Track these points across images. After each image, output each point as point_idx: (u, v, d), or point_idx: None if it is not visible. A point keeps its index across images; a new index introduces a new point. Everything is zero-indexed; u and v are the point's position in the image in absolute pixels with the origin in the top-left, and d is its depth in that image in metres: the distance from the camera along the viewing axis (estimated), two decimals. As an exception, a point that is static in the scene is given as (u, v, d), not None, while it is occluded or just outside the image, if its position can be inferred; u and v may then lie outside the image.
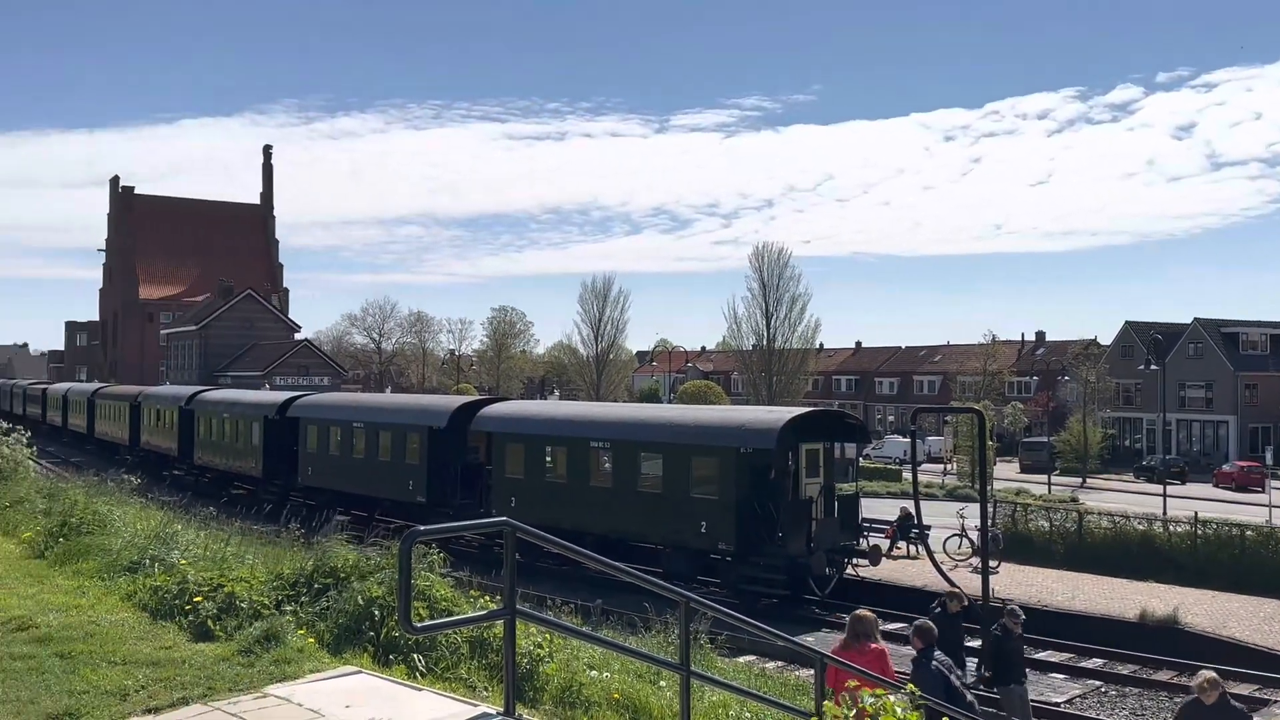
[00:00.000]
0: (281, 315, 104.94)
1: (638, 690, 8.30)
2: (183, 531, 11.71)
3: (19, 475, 17.61)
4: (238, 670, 6.91)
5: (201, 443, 40.86)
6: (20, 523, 13.26)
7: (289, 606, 8.32)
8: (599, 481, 23.79)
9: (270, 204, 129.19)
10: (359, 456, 30.42)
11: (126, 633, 7.89)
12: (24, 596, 9.24)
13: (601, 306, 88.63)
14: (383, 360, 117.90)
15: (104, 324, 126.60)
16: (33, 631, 7.93)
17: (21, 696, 6.36)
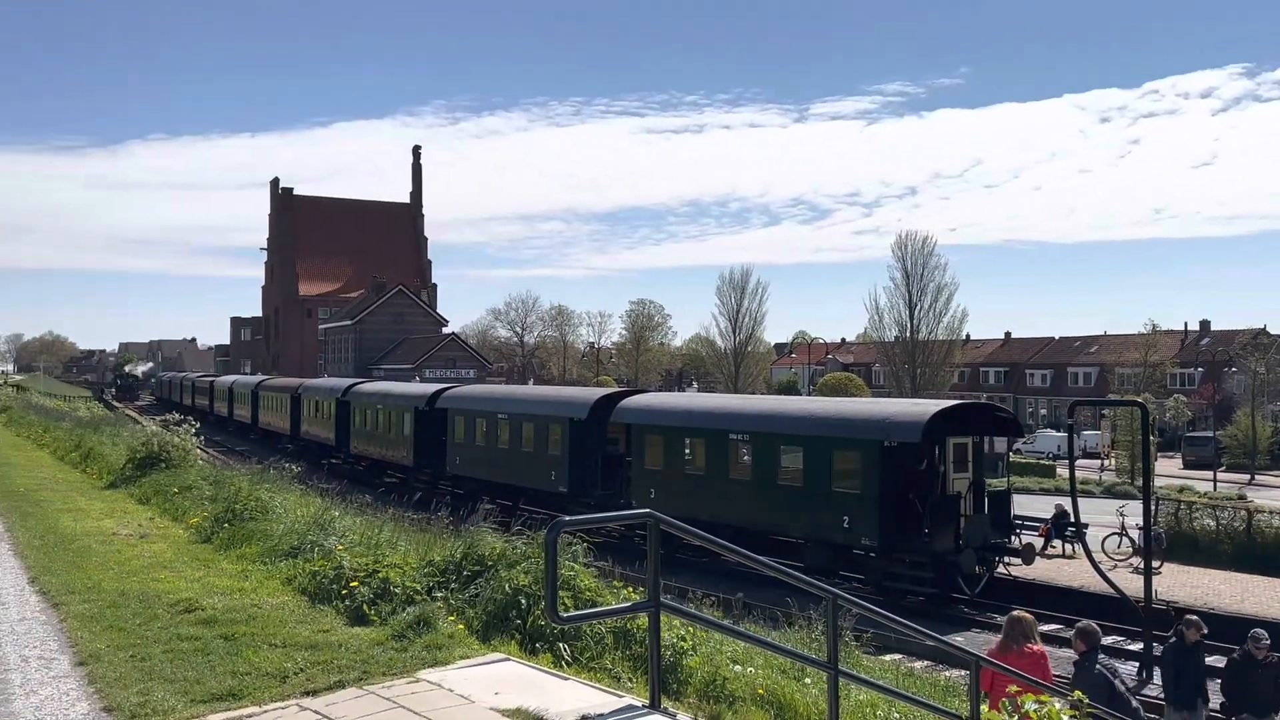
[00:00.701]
0: (430, 310, 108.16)
1: (783, 686, 8.17)
2: (339, 518, 12.10)
3: (187, 463, 18.55)
4: (391, 654, 7.09)
5: (357, 432, 42.43)
6: (189, 509, 13.96)
7: (439, 593, 8.50)
8: (738, 474, 23.64)
9: (419, 202, 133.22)
10: (503, 447, 31.05)
11: (286, 616, 8.19)
12: (191, 580, 9.71)
13: (739, 298, 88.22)
14: (525, 353, 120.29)
15: (266, 319, 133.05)
16: (199, 614, 8.31)
17: (189, 676, 6.66)
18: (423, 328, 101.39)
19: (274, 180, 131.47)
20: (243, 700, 6.23)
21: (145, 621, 8.05)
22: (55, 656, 7.22)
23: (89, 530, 12.71)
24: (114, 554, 11.02)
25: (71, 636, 7.69)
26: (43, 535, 12.29)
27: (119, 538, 12.17)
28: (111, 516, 14.06)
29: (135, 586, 9.30)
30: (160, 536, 12.37)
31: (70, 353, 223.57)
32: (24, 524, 13.22)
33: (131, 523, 13.41)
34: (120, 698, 6.23)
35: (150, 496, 15.77)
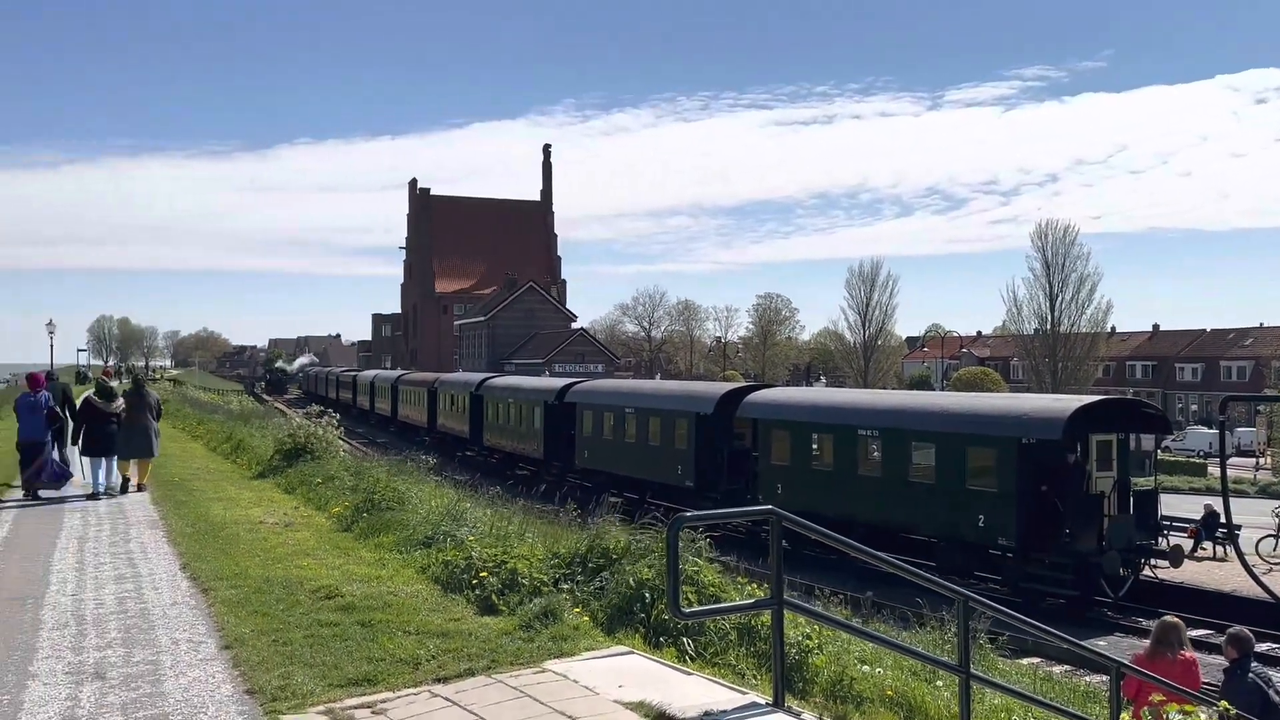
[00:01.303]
0: (560, 306, 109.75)
1: (913, 688, 7.99)
2: (471, 509, 12.38)
3: (330, 454, 19.20)
4: (519, 644, 7.21)
5: (490, 426, 43.39)
6: (331, 499, 14.48)
7: (565, 585, 8.60)
8: (867, 470, 23.24)
9: (549, 200, 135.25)
10: (630, 441, 31.27)
11: (420, 604, 8.42)
12: (332, 567, 10.07)
13: (869, 291, 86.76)
14: (652, 348, 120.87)
15: (405, 316, 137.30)
16: (339, 600, 8.61)
17: (327, 661, 6.91)
18: (553, 323, 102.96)
19: (412, 181, 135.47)
20: (377, 686, 6.43)
21: (288, 607, 8.39)
22: (203, 640, 7.59)
23: (237, 518, 13.32)
24: (260, 541, 11.52)
25: (219, 621, 8.07)
26: (194, 523, 12.93)
27: (265, 526, 12.72)
28: (259, 505, 14.70)
29: (279, 573, 9.70)
30: (304, 525, 12.88)
31: (223, 348, 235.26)
32: (177, 512, 13.94)
33: (277, 511, 14.00)
34: (262, 681, 6.51)
35: (295, 486, 16.42)
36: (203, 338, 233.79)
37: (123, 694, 6.36)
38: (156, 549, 11.36)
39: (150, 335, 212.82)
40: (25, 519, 13.70)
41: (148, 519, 13.55)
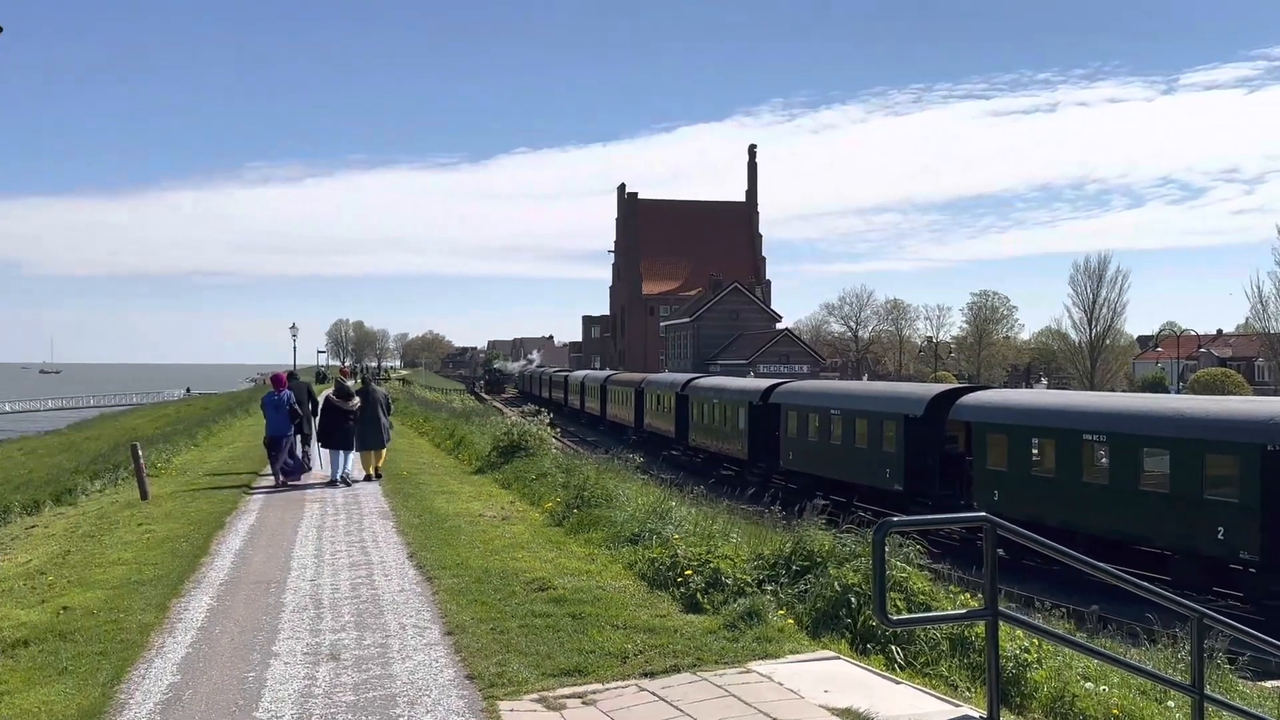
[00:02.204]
0: (765, 306, 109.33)
1: (1141, 709, 7.53)
2: (676, 508, 12.54)
3: (543, 452, 19.86)
4: (723, 644, 7.26)
5: (695, 426, 43.74)
6: (544, 494, 14.99)
7: (769, 586, 8.58)
8: (1092, 477, 21.97)
9: (754, 200, 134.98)
10: (836, 443, 30.80)
11: (627, 599, 8.60)
12: (545, 560, 10.43)
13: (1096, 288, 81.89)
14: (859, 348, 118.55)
15: (613, 317, 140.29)
16: (551, 592, 8.92)
17: (540, 651, 7.17)
18: (757, 324, 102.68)
19: (620, 186, 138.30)
20: (587, 677, 6.62)
21: (504, 597, 8.76)
22: (428, 626, 8.02)
23: (459, 511, 13.99)
24: (479, 534, 12.07)
25: (442, 608, 8.52)
26: (420, 515, 13.68)
27: (484, 519, 13.31)
28: (478, 500, 15.39)
29: (497, 565, 10.13)
30: (519, 519, 13.39)
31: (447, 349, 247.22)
32: (405, 505, 14.78)
33: (495, 506, 14.62)
34: (481, 667, 6.82)
35: (511, 482, 17.09)
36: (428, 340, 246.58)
37: (354, 674, 6.81)
38: (387, 539, 12.09)
39: (382, 337, 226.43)
40: (270, 508, 14.86)
41: (379, 510, 14.43)
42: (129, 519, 13.99)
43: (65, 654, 7.36)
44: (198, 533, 12.52)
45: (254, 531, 12.77)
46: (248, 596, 9.17)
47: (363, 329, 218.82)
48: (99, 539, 12.58)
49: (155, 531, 12.73)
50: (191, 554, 11.16)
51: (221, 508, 14.66)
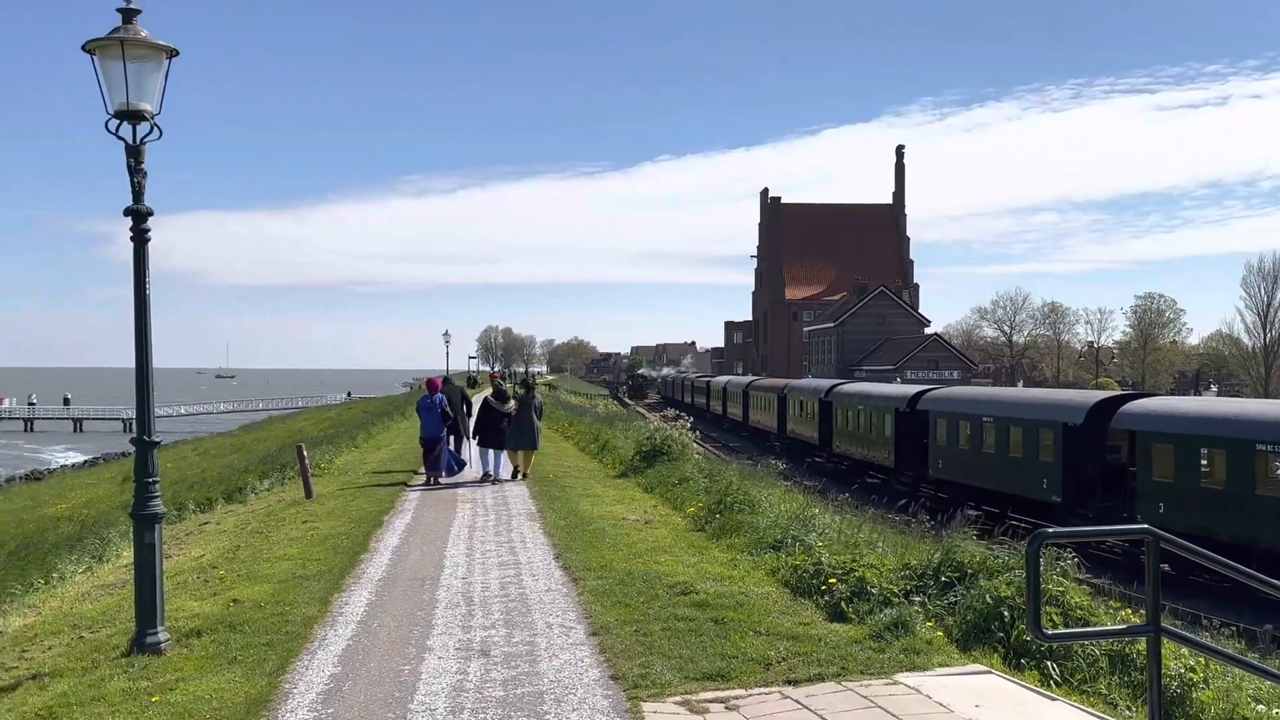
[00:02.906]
0: (912, 310, 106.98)
1: (1321, 738, 7.05)
2: (819, 515, 12.42)
3: (685, 457, 19.95)
4: (869, 654, 7.15)
5: (839, 432, 43.13)
6: (686, 499, 15.05)
7: (916, 597, 8.40)
8: (1267, 490, 20.67)
9: (902, 202, 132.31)
10: (988, 451, 29.85)
11: (770, 606, 8.56)
12: (687, 564, 10.48)
13: (1271, 289, 77.22)
14: (1014, 353, 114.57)
15: (755, 323, 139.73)
16: (693, 597, 8.95)
17: (684, 654, 7.21)
18: (904, 328, 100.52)
19: (764, 190, 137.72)
20: (730, 682, 6.62)
21: (647, 600, 8.84)
22: (573, 626, 8.17)
23: (603, 514, 14.18)
24: (623, 537, 12.21)
25: (587, 609, 8.66)
26: (566, 517, 13.93)
27: (627, 522, 13.45)
28: (621, 503, 15.57)
29: (640, 567, 10.23)
30: (662, 523, 13.48)
31: (591, 355, 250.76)
32: (551, 506, 15.07)
33: (638, 509, 14.76)
34: (625, 668, 6.91)
35: (654, 486, 17.23)
36: (573, 345, 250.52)
37: (504, 671, 7.00)
38: (534, 540, 12.37)
39: (529, 343, 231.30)
40: (425, 508, 15.38)
41: (527, 512, 14.77)
42: (294, 517, 14.72)
43: (235, 644, 7.79)
44: (358, 530, 13.07)
45: (410, 530, 13.25)
46: (404, 593, 9.53)
47: (511, 335, 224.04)
48: (267, 535, 13.28)
49: (319, 529, 13.36)
50: (352, 551, 11.66)
51: (380, 507, 15.27)
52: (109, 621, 9.13)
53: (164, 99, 7.66)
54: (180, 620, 8.53)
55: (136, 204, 7.67)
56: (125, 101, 7.46)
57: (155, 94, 7.60)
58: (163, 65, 7.62)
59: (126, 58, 7.40)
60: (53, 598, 11.27)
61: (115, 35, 7.39)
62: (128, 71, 7.42)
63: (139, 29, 7.48)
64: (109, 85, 7.47)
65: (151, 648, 7.65)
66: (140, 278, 7.72)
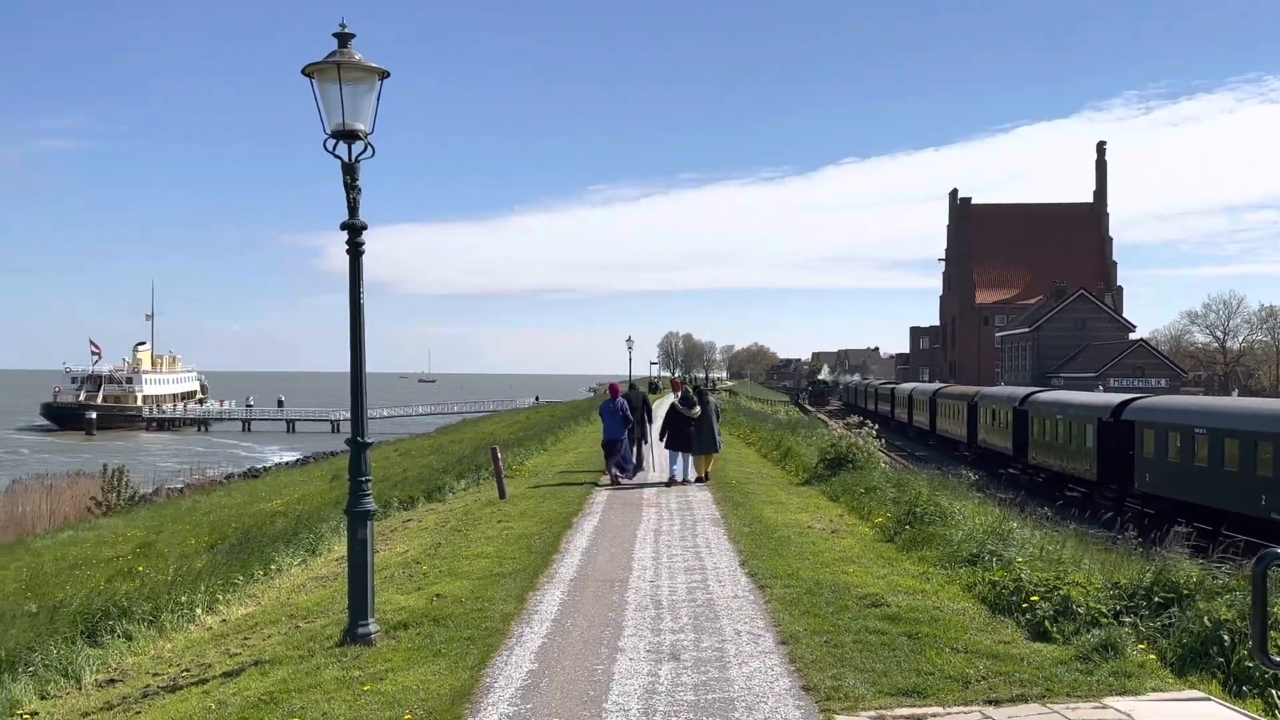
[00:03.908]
0: (1115, 314, 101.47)
1: None
2: (1017, 529, 11.94)
3: (870, 465, 19.57)
4: (1075, 676, 6.83)
5: (1035, 443, 41.31)
6: (873, 508, 14.75)
7: (1126, 618, 7.97)
8: None
9: (1103, 201, 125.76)
10: (1201, 465, 27.95)
11: (967, 622, 8.29)
12: (876, 576, 10.26)
13: None
14: (1227, 360, 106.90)
15: (943, 328, 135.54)
16: (884, 609, 8.75)
17: (876, 668, 7.07)
18: (1106, 334, 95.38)
19: (952, 191, 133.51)
20: (927, 699, 6.46)
21: (836, 611, 8.72)
22: (761, 634, 8.14)
23: (787, 522, 14.07)
24: (809, 545, 12.08)
25: (774, 617, 8.61)
26: (750, 523, 13.89)
27: (813, 531, 13.31)
28: (805, 511, 15.41)
29: (827, 577, 10.10)
30: (848, 532, 13.27)
31: (771, 361, 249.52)
32: (735, 512, 15.07)
33: (823, 518, 14.58)
34: (816, 679, 6.83)
35: (839, 495, 16.97)
36: (753, 351, 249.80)
37: (694, 675, 7.05)
38: (719, 545, 12.40)
39: (709, 349, 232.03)
40: (612, 511, 15.67)
41: (711, 517, 14.82)
42: (490, 516, 15.28)
43: (439, 637, 8.15)
44: (549, 531, 13.45)
45: (598, 532, 13.53)
46: (594, 593, 9.74)
47: (691, 341, 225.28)
48: (465, 533, 13.83)
49: (513, 529, 13.82)
50: (544, 551, 12.01)
51: (569, 509, 15.65)
52: (323, 612, 9.72)
53: (376, 118, 8.12)
54: (388, 613, 8.98)
55: (352, 218, 8.15)
56: (341, 122, 7.94)
57: (369, 114, 8.06)
58: (375, 86, 8.07)
59: (343, 80, 7.88)
60: (271, 588, 12.07)
61: (332, 59, 7.88)
62: (343, 93, 7.89)
63: (353, 52, 7.95)
64: (326, 107, 7.96)
65: (363, 638, 8.09)
66: (355, 287, 8.20)
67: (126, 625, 9.79)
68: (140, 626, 9.88)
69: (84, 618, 9.99)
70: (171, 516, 26.54)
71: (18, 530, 31.49)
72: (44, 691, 8.43)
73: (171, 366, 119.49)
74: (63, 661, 8.85)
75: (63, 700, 8.26)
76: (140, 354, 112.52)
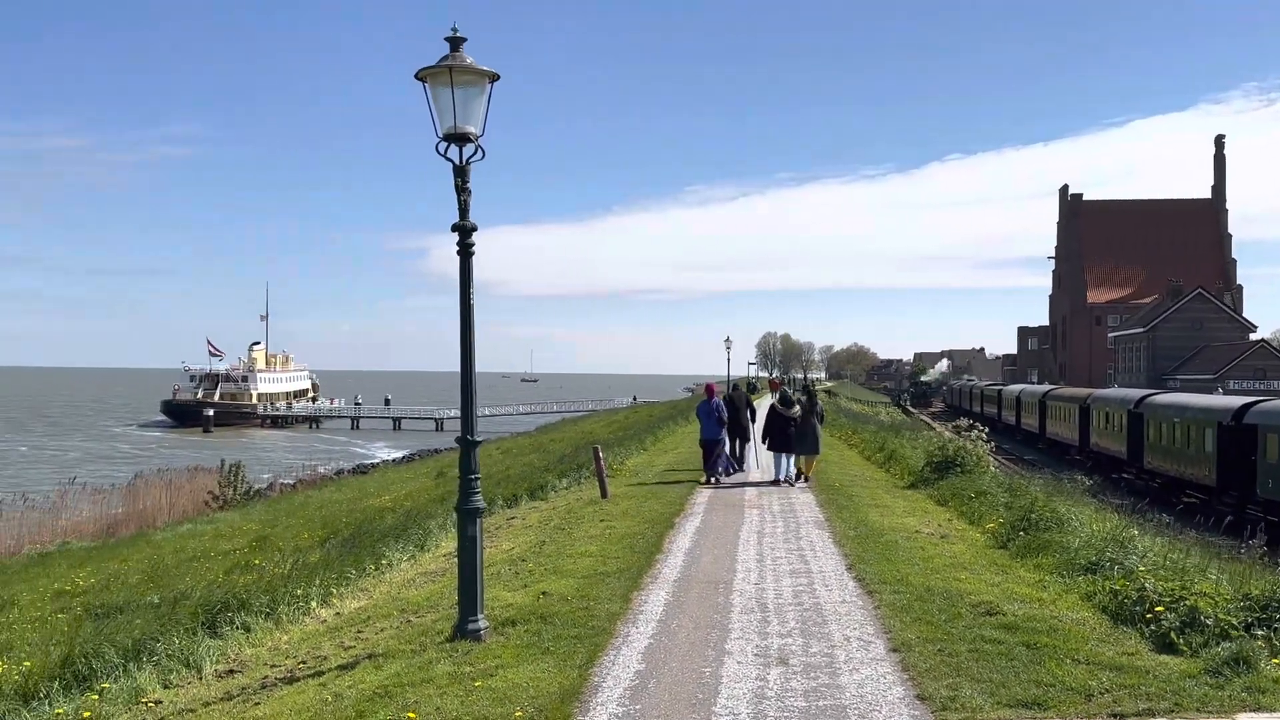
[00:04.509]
0: (1235, 314, 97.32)
1: None
2: (1137, 537, 11.51)
3: (980, 469, 19.10)
4: (1205, 690, 6.53)
5: (1150, 447, 39.84)
6: (983, 514, 14.37)
7: (1259, 631, 7.60)
8: None
9: (1222, 196, 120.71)
10: (1334, 472, 26.58)
11: (1088, 633, 8.00)
12: (990, 584, 9.98)
13: None
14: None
15: (1053, 328, 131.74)
16: (1000, 618, 8.50)
17: (993, 679, 6.85)
18: (1225, 334, 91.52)
19: (1063, 187, 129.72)
20: (1047, 710, 6.24)
21: (949, 619, 8.50)
22: (871, 640, 7.98)
23: (894, 526, 13.81)
24: (917, 550, 11.83)
25: (885, 624, 8.43)
26: (855, 527, 13.67)
27: (921, 535, 13.03)
28: (912, 515, 15.11)
29: (938, 584, 9.87)
30: (958, 538, 12.96)
31: (871, 362, 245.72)
32: (839, 515, 14.85)
33: (931, 523, 14.27)
34: (931, 688, 6.66)
35: (947, 499, 16.60)
36: (853, 352, 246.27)
37: (804, 681, 6.94)
38: (824, 549, 12.23)
39: (807, 350, 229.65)
40: (713, 512, 15.60)
41: (814, 520, 14.64)
42: (592, 515, 15.35)
43: (546, 635, 8.20)
44: (651, 531, 13.44)
45: (700, 533, 13.48)
46: (699, 595, 9.69)
47: (789, 341, 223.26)
48: (568, 532, 13.93)
49: (615, 528, 13.86)
50: (647, 551, 12.00)
51: (670, 509, 15.64)
52: (432, 607, 9.87)
53: (486, 121, 8.21)
54: (496, 609, 9.08)
55: (462, 220, 8.26)
56: (453, 125, 8.05)
57: (479, 117, 8.16)
58: (485, 89, 8.16)
59: (455, 84, 7.98)
60: (382, 583, 12.33)
61: (444, 63, 7.99)
62: (455, 97, 8.00)
63: (464, 56, 8.05)
64: (438, 110, 8.08)
65: (472, 634, 8.19)
66: (465, 288, 8.30)
67: (244, 617, 10.09)
68: (258, 618, 10.17)
69: (204, 609, 10.34)
70: (285, 511, 27.36)
71: (139, 523, 32.86)
72: (166, 680, 8.73)
73: (284, 365, 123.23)
74: (184, 652, 9.15)
75: (184, 690, 8.54)
76: (255, 353, 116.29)
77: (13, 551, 28.04)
